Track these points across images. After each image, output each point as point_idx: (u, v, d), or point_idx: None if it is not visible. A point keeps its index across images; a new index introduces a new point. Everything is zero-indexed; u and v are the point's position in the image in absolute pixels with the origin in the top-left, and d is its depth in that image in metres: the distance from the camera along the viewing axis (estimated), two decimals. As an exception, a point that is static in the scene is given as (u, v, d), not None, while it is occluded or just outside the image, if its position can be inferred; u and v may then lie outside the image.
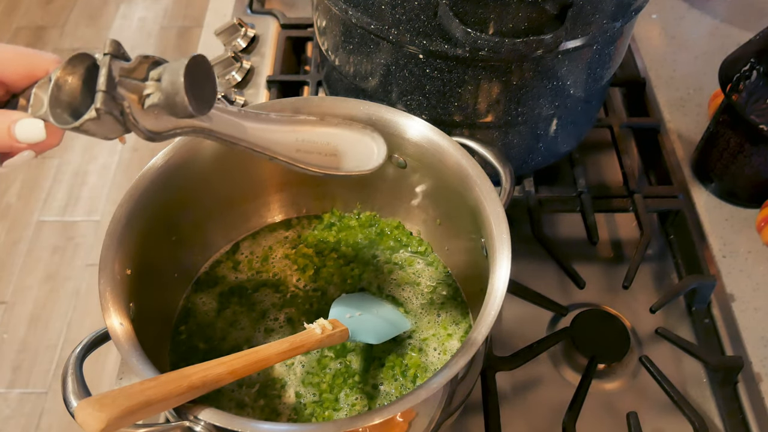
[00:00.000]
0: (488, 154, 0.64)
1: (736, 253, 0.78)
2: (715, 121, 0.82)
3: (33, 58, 0.45)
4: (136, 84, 0.41)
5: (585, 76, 0.72)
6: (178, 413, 0.47)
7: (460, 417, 0.68)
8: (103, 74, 0.40)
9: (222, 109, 0.47)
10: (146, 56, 0.42)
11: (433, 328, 0.65)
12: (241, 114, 0.48)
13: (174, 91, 0.40)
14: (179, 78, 0.39)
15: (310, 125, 0.50)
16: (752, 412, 0.68)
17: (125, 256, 0.55)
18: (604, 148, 0.91)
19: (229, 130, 0.46)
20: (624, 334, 0.72)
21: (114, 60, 0.40)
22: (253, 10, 1.07)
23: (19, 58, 0.45)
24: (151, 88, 0.41)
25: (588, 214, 0.80)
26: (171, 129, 0.43)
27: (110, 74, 0.40)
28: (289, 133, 0.49)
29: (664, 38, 1.04)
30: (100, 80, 0.40)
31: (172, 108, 0.40)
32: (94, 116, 0.39)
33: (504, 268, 0.53)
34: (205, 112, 0.42)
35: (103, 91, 0.39)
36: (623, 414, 0.66)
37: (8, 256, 1.87)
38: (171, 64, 0.41)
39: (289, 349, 0.53)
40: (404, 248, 0.71)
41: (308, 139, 0.50)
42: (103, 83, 0.39)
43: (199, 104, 0.40)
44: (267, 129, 0.49)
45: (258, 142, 0.48)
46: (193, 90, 0.40)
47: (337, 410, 0.59)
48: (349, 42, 0.72)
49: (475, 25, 0.61)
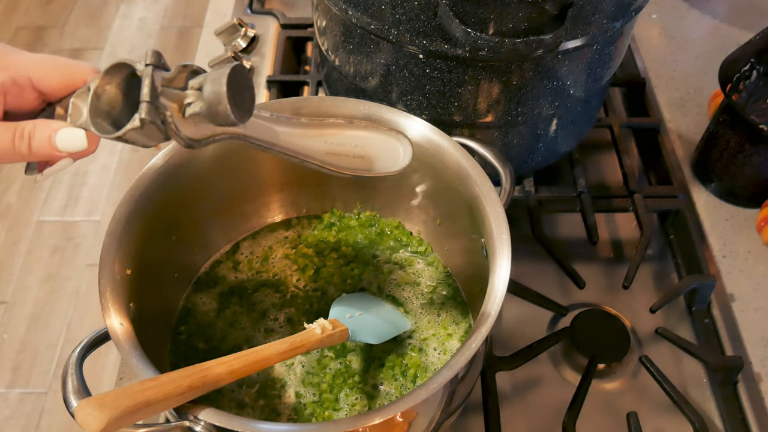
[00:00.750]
0: (488, 154, 0.64)
1: (736, 253, 0.78)
2: (715, 121, 0.82)
3: (72, 67, 0.46)
4: (176, 93, 0.42)
5: (585, 76, 0.72)
6: (178, 413, 0.47)
7: (460, 417, 0.68)
8: (146, 84, 0.41)
9: (256, 114, 0.47)
10: (185, 65, 0.43)
11: (433, 328, 0.65)
12: (274, 119, 0.49)
13: (217, 100, 0.41)
14: (222, 87, 0.41)
15: (338, 128, 0.51)
16: (752, 412, 0.68)
17: (125, 256, 0.55)
18: (604, 148, 0.91)
19: (263, 136, 0.48)
20: (624, 334, 0.72)
21: (156, 70, 0.42)
22: (253, 10, 1.07)
23: (58, 68, 0.46)
24: (191, 97, 0.42)
25: (588, 214, 0.80)
26: (209, 136, 0.45)
27: (153, 84, 0.41)
28: (319, 137, 0.51)
29: (664, 38, 1.04)
30: (144, 90, 0.41)
31: (214, 117, 0.42)
32: (138, 126, 0.41)
33: (504, 268, 0.53)
34: (246, 120, 0.43)
35: (147, 102, 0.41)
36: (623, 414, 0.66)
37: (8, 256, 1.87)
38: (212, 74, 0.42)
39: (289, 349, 0.53)
40: (404, 248, 0.71)
41: (337, 141, 0.52)
42: (147, 93, 0.41)
43: (240, 112, 0.42)
44: (298, 133, 0.50)
45: (290, 146, 0.49)
46: (235, 99, 0.41)
47: (337, 410, 0.59)
48: (349, 42, 0.72)
49: (475, 25, 0.61)
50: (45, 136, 0.44)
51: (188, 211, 0.65)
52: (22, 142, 0.44)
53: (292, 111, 0.64)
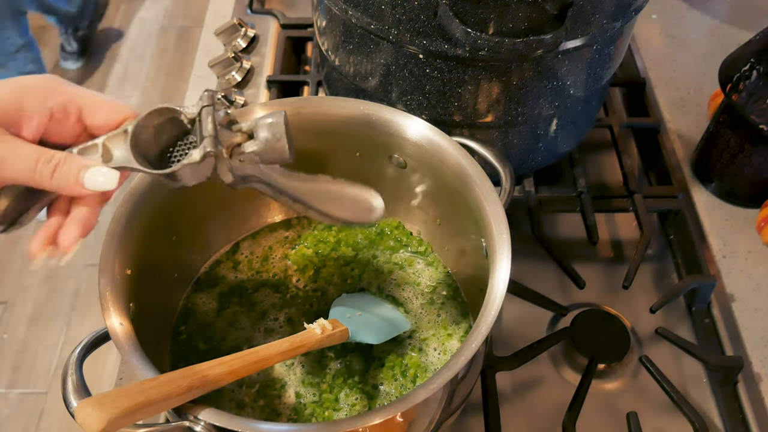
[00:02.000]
0: (488, 154, 0.64)
1: (736, 253, 0.78)
2: (715, 121, 0.82)
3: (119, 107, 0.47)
4: (229, 133, 0.47)
5: (585, 76, 0.72)
6: (178, 413, 0.47)
7: (460, 417, 0.68)
8: (210, 121, 0.46)
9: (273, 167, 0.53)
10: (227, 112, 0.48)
11: (433, 328, 0.65)
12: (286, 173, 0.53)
13: (275, 138, 0.47)
14: (282, 127, 0.47)
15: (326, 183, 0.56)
16: (752, 412, 0.68)
17: (125, 256, 0.55)
18: (604, 148, 0.91)
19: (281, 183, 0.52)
20: (624, 334, 0.72)
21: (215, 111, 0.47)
22: (253, 10, 1.07)
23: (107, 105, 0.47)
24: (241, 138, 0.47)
25: (588, 214, 0.80)
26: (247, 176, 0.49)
27: (215, 122, 0.46)
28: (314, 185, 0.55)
29: (664, 38, 1.04)
30: (208, 126, 0.46)
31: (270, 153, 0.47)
32: (196, 160, 0.45)
33: (504, 268, 0.53)
34: (293, 158, 0.48)
35: (212, 137, 0.45)
36: (623, 414, 0.66)
37: (8, 256, 1.87)
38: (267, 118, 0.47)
39: (289, 349, 0.53)
40: (404, 248, 0.71)
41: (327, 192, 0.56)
42: (211, 129, 0.46)
43: (291, 151, 0.48)
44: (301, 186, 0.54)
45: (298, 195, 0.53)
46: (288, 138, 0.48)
47: (337, 410, 0.59)
48: (349, 42, 0.72)
49: (475, 25, 0.61)
50: (75, 169, 0.44)
51: (188, 211, 0.65)
52: (46, 167, 0.43)
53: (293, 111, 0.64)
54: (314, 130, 0.65)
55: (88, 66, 2.44)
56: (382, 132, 0.64)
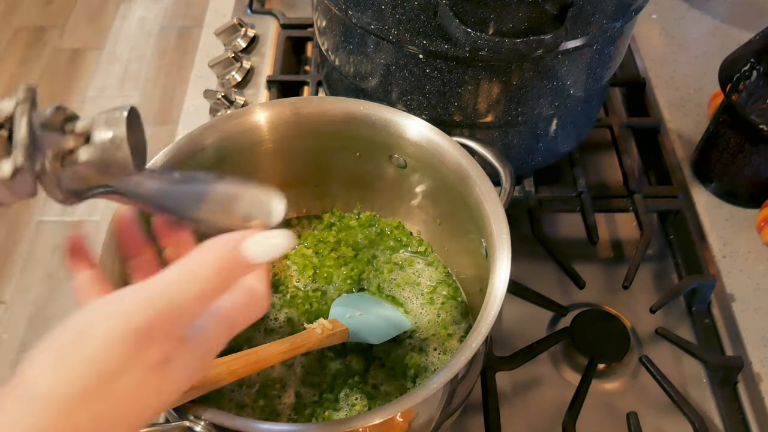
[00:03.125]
0: (488, 154, 0.64)
1: (736, 253, 0.78)
2: (715, 121, 0.82)
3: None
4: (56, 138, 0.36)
5: (585, 76, 0.72)
6: (178, 413, 0.47)
7: (460, 417, 0.68)
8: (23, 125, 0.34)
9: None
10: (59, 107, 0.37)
11: (433, 328, 0.65)
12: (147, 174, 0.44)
13: (114, 146, 0.36)
14: (122, 132, 0.36)
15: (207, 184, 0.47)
16: (752, 412, 0.68)
17: (125, 256, 0.55)
18: (604, 148, 0.91)
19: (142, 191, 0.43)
20: (624, 334, 0.72)
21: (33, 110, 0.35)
22: (253, 10, 1.07)
23: None
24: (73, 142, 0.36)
25: (588, 214, 0.80)
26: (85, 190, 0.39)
27: (31, 126, 0.34)
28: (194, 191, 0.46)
29: (664, 38, 1.04)
30: (20, 133, 0.34)
31: (108, 165, 0.36)
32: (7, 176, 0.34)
33: (504, 268, 0.53)
34: (142, 168, 0.38)
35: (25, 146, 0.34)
36: (623, 414, 0.66)
37: (8, 256, 1.87)
38: (104, 117, 0.36)
39: (289, 349, 0.53)
40: (404, 248, 0.71)
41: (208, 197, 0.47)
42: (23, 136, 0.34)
43: (137, 160, 0.37)
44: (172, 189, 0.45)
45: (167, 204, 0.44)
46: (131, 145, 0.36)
47: (337, 410, 0.59)
48: (349, 42, 0.72)
49: (475, 25, 0.61)
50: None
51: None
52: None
53: (293, 111, 0.64)
54: (314, 130, 0.65)
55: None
56: (382, 132, 0.64)
